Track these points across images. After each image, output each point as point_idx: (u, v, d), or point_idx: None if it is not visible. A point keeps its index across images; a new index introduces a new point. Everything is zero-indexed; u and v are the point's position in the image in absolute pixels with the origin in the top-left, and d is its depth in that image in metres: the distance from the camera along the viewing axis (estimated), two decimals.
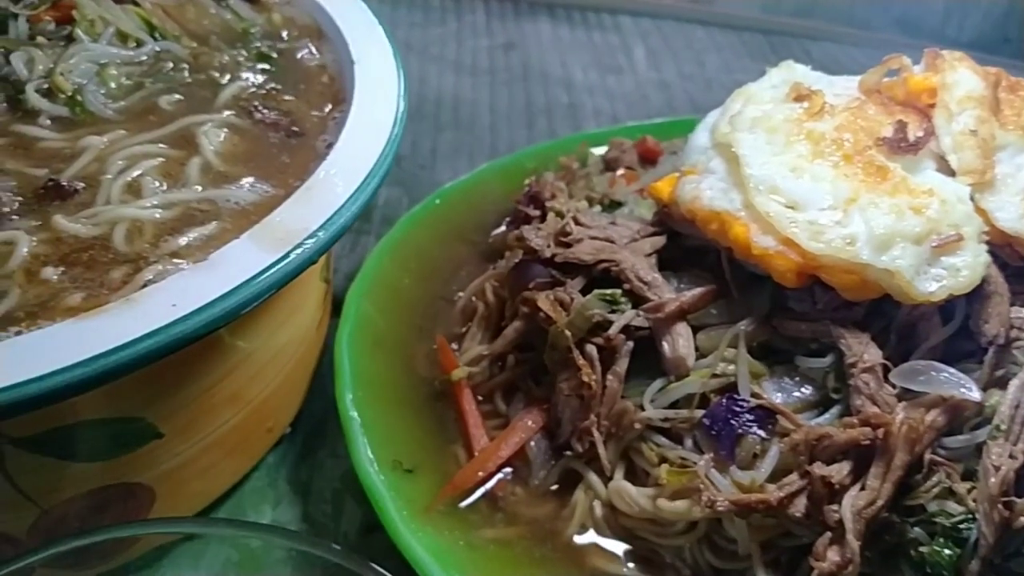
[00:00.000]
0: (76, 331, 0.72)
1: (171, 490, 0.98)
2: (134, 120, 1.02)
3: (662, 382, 0.99)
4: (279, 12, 1.24)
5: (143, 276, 0.81)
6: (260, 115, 1.04)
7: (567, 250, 1.06)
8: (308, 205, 0.87)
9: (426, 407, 1.12)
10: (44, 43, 1.09)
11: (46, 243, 0.84)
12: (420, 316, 1.25)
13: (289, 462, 1.19)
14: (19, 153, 0.95)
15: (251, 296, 0.77)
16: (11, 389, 0.66)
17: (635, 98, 2.03)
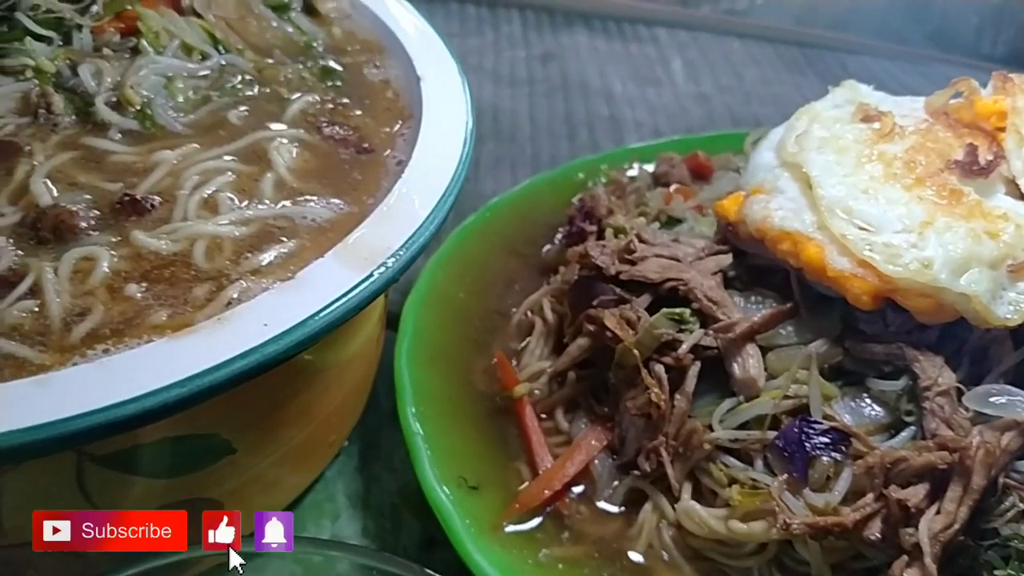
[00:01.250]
0: (169, 350, 0.72)
1: (238, 505, 0.97)
2: (203, 134, 1.01)
3: (731, 402, 0.99)
4: (339, 26, 1.24)
5: (227, 294, 0.81)
6: (329, 131, 1.04)
7: (632, 268, 1.06)
8: (388, 224, 0.87)
9: (486, 423, 1.12)
10: (110, 55, 1.09)
11: (127, 259, 0.84)
12: (476, 330, 1.24)
13: (346, 476, 1.19)
14: (91, 167, 0.95)
15: (340, 315, 0.77)
16: (108, 410, 0.66)
17: (675, 110, 2.02)
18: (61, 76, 1.05)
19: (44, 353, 0.75)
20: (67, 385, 0.68)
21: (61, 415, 0.65)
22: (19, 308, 0.78)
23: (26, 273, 0.81)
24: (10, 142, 0.95)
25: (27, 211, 0.87)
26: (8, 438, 0.63)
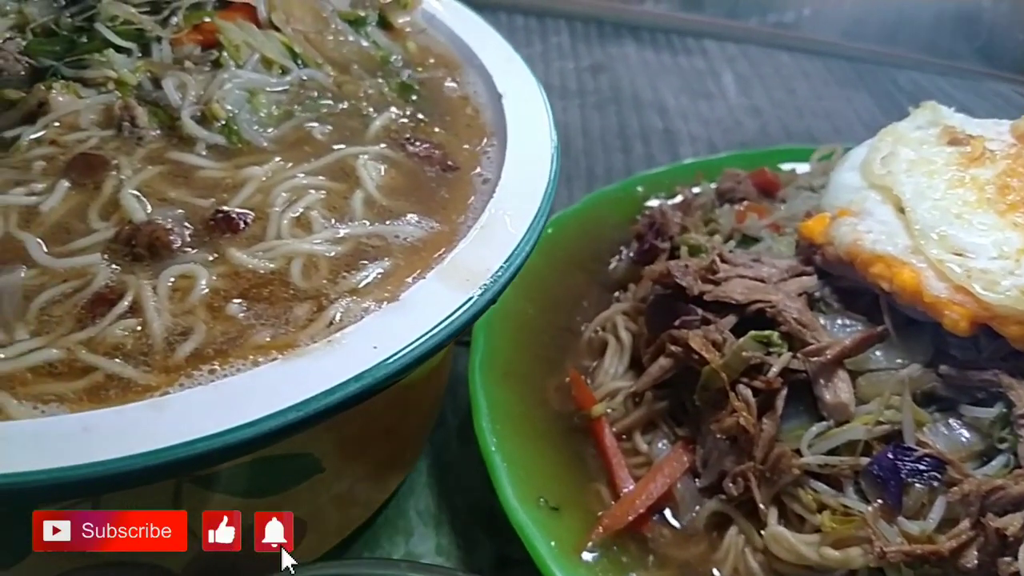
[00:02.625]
0: (282, 373, 0.72)
1: (320, 523, 0.97)
2: (288, 150, 1.01)
3: (821, 427, 0.98)
4: (414, 41, 1.24)
5: (329, 315, 0.81)
6: (413, 148, 1.04)
7: (716, 288, 1.05)
8: (485, 244, 0.86)
9: (562, 442, 1.11)
10: (191, 68, 1.09)
11: (224, 277, 0.84)
12: (547, 347, 1.23)
13: (417, 493, 1.19)
14: (179, 182, 0.94)
15: (446, 337, 0.77)
16: (226, 434, 0.66)
17: (729, 124, 2.01)
18: (142, 89, 1.05)
19: (149, 373, 0.74)
20: (183, 408, 0.67)
21: (179, 440, 0.65)
22: (121, 327, 0.77)
23: (124, 291, 0.80)
24: (97, 155, 0.95)
25: (120, 227, 0.86)
26: (127, 463, 0.63)
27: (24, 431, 0.64)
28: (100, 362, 0.74)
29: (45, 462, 0.62)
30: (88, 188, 0.91)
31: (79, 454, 0.62)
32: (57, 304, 0.79)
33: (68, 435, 0.64)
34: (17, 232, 0.85)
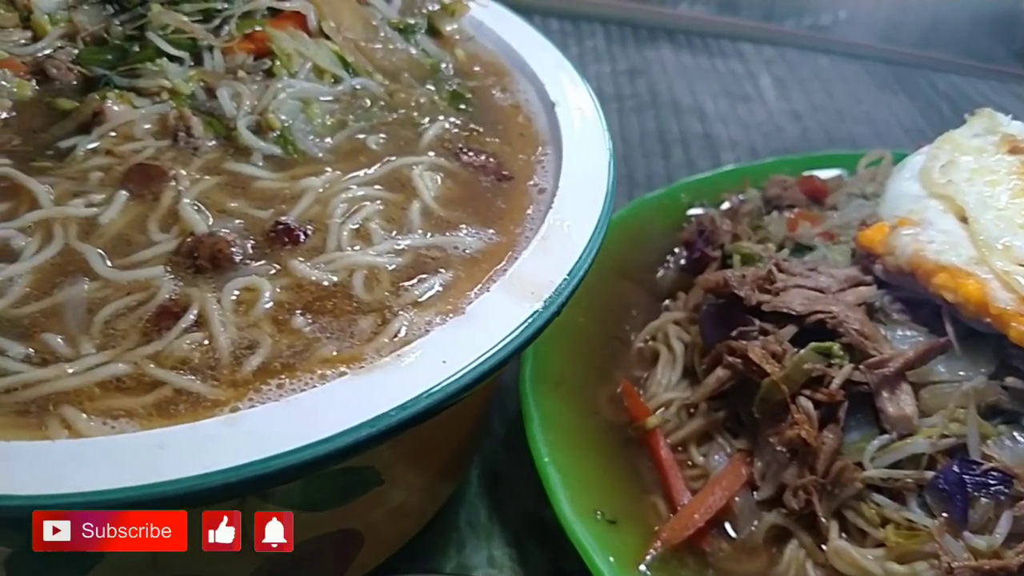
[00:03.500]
0: (352, 388, 0.71)
1: (376, 534, 0.97)
2: (344, 160, 1.01)
3: (883, 440, 0.96)
4: (462, 48, 1.23)
5: (393, 328, 0.80)
6: (467, 158, 1.03)
7: (775, 299, 1.03)
8: (547, 255, 0.86)
9: (616, 453, 1.10)
10: (244, 77, 1.08)
11: (288, 290, 0.83)
12: (597, 357, 1.23)
13: (468, 504, 1.18)
14: (238, 193, 0.94)
15: (514, 350, 0.76)
16: (301, 451, 0.65)
17: (769, 128, 2.00)
18: (196, 98, 1.05)
19: (217, 388, 0.74)
20: (256, 425, 0.67)
21: (254, 457, 0.64)
22: (187, 341, 0.77)
23: (188, 304, 0.80)
24: (155, 166, 0.94)
25: (182, 239, 0.86)
26: (203, 481, 0.62)
27: (98, 449, 0.64)
28: (168, 376, 0.73)
29: (121, 480, 0.61)
30: (147, 199, 0.91)
31: (155, 472, 0.62)
32: (121, 317, 0.79)
33: (143, 452, 0.63)
34: (77, 244, 0.85)
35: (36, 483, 0.60)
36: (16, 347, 0.75)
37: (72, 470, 0.62)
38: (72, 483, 0.61)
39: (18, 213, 0.88)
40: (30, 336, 0.76)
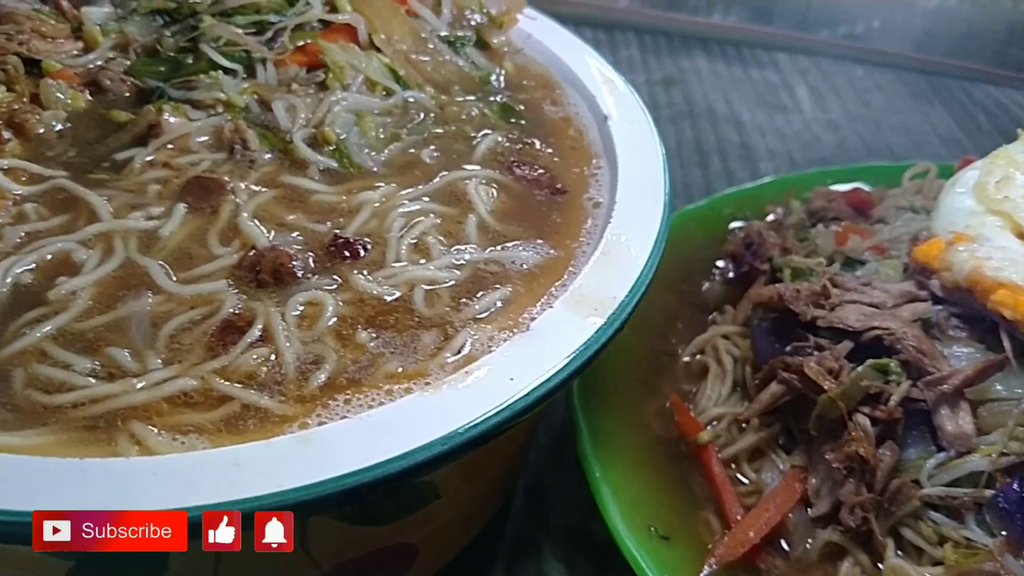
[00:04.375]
0: (423, 405, 0.71)
1: (430, 547, 0.97)
2: (399, 174, 1.01)
3: (941, 458, 0.95)
4: (511, 61, 1.23)
5: (456, 343, 0.80)
6: (521, 171, 1.03)
7: (830, 314, 1.02)
8: (608, 271, 0.85)
9: (666, 468, 1.10)
10: (297, 90, 1.09)
11: (350, 304, 0.83)
12: (644, 370, 1.22)
13: (515, 516, 1.18)
14: (296, 206, 0.94)
15: (580, 367, 0.76)
16: (375, 468, 0.65)
17: (807, 139, 1.99)
18: (250, 111, 1.05)
19: (285, 404, 0.74)
20: (330, 442, 0.67)
21: (329, 474, 0.64)
22: (253, 355, 0.77)
23: (253, 318, 0.80)
24: (213, 179, 0.95)
25: (244, 252, 0.86)
26: (279, 498, 0.62)
27: (174, 466, 0.64)
28: (236, 392, 0.73)
29: (198, 498, 0.61)
30: (205, 212, 0.91)
31: (231, 490, 0.62)
32: (186, 331, 0.79)
33: (218, 470, 0.63)
34: (139, 257, 0.85)
35: (114, 501, 0.60)
36: (82, 361, 0.75)
37: (148, 488, 0.62)
38: (149, 501, 0.61)
39: (77, 225, 0.88)
40: (95, 350, 0.77)
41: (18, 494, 0.60)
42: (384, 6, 1.18)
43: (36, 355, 0.75)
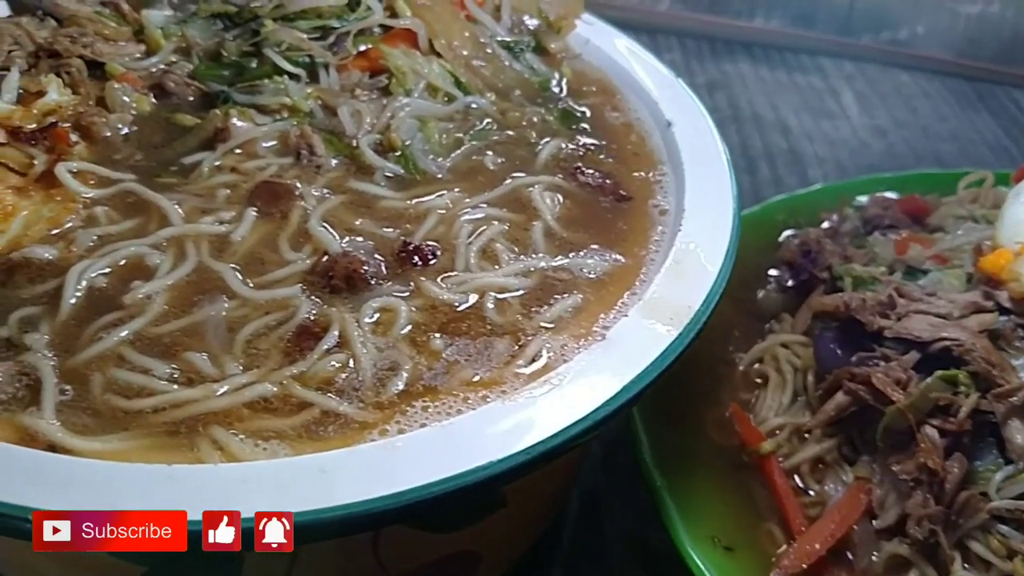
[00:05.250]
0: (505, 414, 0.71)
1: (492, 556, 0.97)
2: (463, 180, 1.01)
3: (1009, 470, 0.94)
4: (569, 66, 1.23)
5: (530, 351, 0.80)
6: (584, 177, 1.02)
7: (897, 324, 1.01)
8: (681, 279, 0.85)
9: (728, 478, 1.09)
10: (360, 95, 1.09)
11: (422, 311, 0.83)
12: (702, 379, 1.21)
13: (569, 524, 1.17)
14: (363, 212, 0.94)
15: (657, 377, 0.75)
16: (461, 477, 0.65)
17: (855, 145, 1.97)
18: (314, 116, 1.05)
19: (364, 410, 0.74)
20: (415, 450, 0.67)
21: (416, 483, 0.64)
22: (330, 361, 0.77)
23: (328, 324, 0.80)
24: (282, 184, 0.95)
25: (317, 258, 0.86)
26: (367, 506, 0.62)
27: (262, 473, 0.64)
28: (315, 398, 0.73)
29: (288, 505, 0.61)
30: (275, 217, 0.92)
31: (319, 498, 0.62)
32: (262, 337, 0.79)
33: (306, 478, 0.63)
34: (212, 262, 0.86)
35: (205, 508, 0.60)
36: (160, 366, 0.75)
37: (237, 495, 0.62)
38: (239, 508, 0.61)
39: (148, 229, 0.89)
40: (173, 355, 0.77)
41: (109, 501, 0.60)
42: (444, 11, 1.18)
43: (114, 359, 0.76)
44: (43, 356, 0.75)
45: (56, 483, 0.61)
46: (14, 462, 0.63)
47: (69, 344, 0.77)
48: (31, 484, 0.61)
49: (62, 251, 0.85)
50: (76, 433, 0.69)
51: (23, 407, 0.71)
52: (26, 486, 0.61)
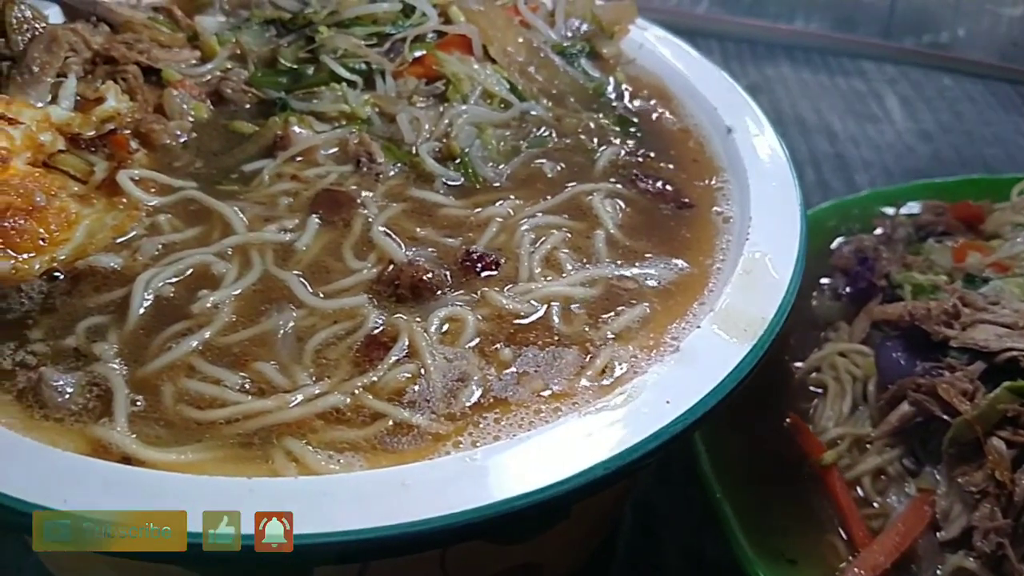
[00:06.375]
0: (582, 427, 0.70)
1: (553, 567, 0.96)
2: (521, 187, 1.00)
3: None
4: (623, 71, 1.22)
5: (600, 362, 0.79)
6: (644, 184, 1.01)
7: (963, 333, 1.00)
8: (753, 290, 0.84)
9: (786, 488, 1.08)
10: (416, 101, 1.08)
11: (489, 320, 0.82)
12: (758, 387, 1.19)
13: (624, 535, 1.16)
14: (424, 220, 0.94)
15: (734, 389, 0.74)
16: (542, 492, 0.65)
17: (900, 149, 1.95)
18: (371, 123, 1.05)
19: (436, 422, 0.73)
20: (495, 464, 0.66)
21: (498, 498, 0.63)
22: (400, 372, 0.76)
23: (396, 334, 0.79)
24: (344, 192, 0.95)
25: (383, 267, 0.85)
26: (449, 521, 0.62)
27: (343, 487, 0.63)
28: (388, 409, 0.73)
29: (372, 520, 0.61)
30: (338, 225, 0.91)
31: (402, 512, 0.61)
32: (331, 346, 0.79)
33: (389, 491, 0.63)
34: (277, 271, 0.85)
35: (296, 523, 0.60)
36: (231, 376, 0.75)
37: (319, 508, 0.61)
38: (322, 523, 0.60)
39: (212, 237, 0.89)
40: (242, 365, 0.77)
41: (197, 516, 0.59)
42: (498, 16, 1.17)
43: (184, 369, 0.75)
44: (113, 366, 0.75)
45: (138, 497, 0.61)
46: (93, 475, 0.63)
47: (138, 354, 0.76)
48: (111, 497, 0.60)
49: (127, 260, 0.85)
50: (150, 444, 0.69)
51: (95, 418, 0.71)
52: (107, 500, 0.60)
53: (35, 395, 0.72)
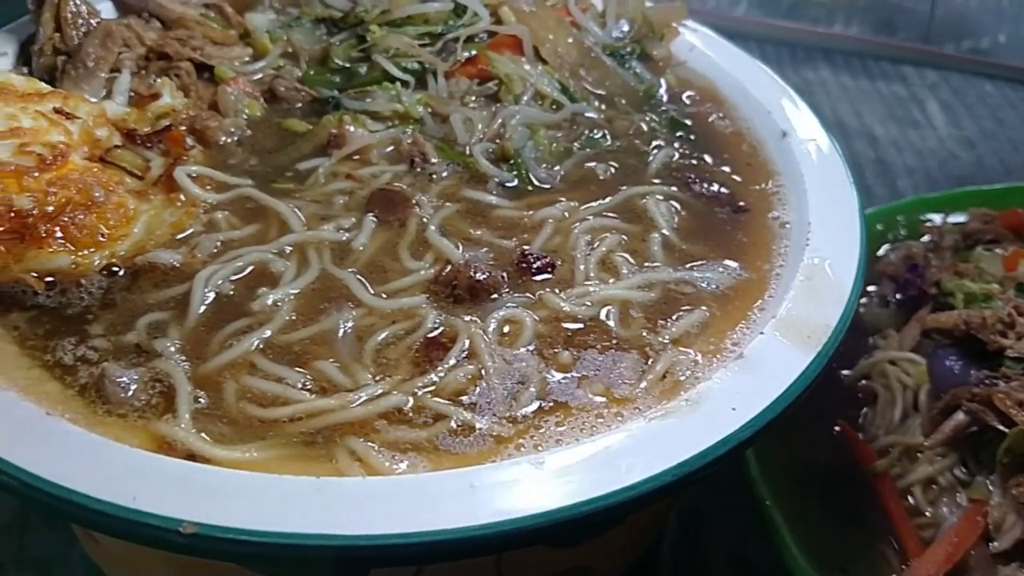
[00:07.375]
0: (649, 433, 0.69)
1: (602, 571, 0.95)
2: (575, 189, 1.00)
3: None
4: (673, 73, 1.21)
5: (661, 367, 0.78)
6: (698, 187, 1.01)
7: (1019, 343, 0.99)
8: (815, 296, 0.83)
9: (835, 496, 1.07)
10: (468, 101, 1.08)
11: (546, 323, 0.82)
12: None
13: (670, 539, 1.16)
14: (479, 221, 0.93)
15: (798, 397, 0.73)
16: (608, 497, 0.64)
17: (943, 156, 1.93)
18: (424, 123, 1.05)
19: (498, 423, 0.73)
20: (561, 467, 0.66)
21: (565, 502, 0.63)
22: (461, 373, 0.76)
23: (456, 335, 0.79)
24: (399, 192, 0.94)
25: (440, 267, 0.85)
26: (517, 524, 0.61)
27: (410, 487, 0.63)
28: (450, 410, 0.73)
29: (439, 522, 0.60)
30: (394, 225, 0.91)
31: (469, 514, 0.61)
32: (391, 346, 0.78)
33: (456, 493, 0.62)
34: (335, 270, 0.85)
35: (361, 522, 0.60)
36: (292, 375, 0.75)
37: (388, 510, 0.61)
38: (392, 524, 0.60)
39: (269, 235, 0.89)
40: (304, 363, 0.77)
41: (266, 515, 0.59)
42: (549, 17, 1.17)
43: (246, 367, 0.75)
44: (175, 362, 0.75)
45: (207, 495, 0.61)
46: (160, 472, 0.63)
47: (199, 351, 0.77)
48: (183, 496, 0.60)
49: (186, 256, 0.85)
50: (215, 442, 0.69)
51: (158, 414, 0.71)
52: (178, 498, 0.60)
53: (98, 390, 0.72)
